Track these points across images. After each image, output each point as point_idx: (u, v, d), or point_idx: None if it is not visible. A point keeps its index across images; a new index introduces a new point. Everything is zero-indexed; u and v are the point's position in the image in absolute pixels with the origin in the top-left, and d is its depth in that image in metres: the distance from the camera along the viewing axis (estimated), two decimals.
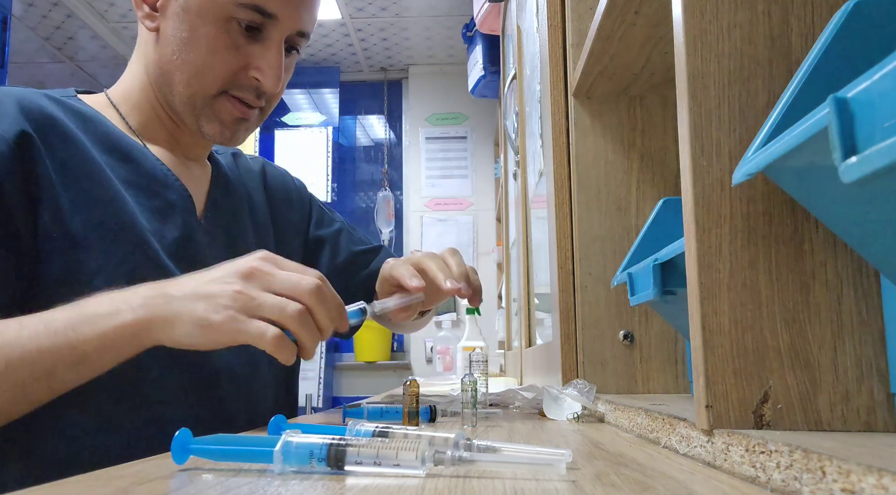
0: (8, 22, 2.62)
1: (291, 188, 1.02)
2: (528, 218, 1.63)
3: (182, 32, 0.74)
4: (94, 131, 0.76)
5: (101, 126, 0.77)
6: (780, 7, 0.39)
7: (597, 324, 0.80)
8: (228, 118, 0.78)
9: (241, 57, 0.75)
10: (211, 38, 0.73)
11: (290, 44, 0.79)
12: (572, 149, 0.85)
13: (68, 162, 0.70)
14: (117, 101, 0.82)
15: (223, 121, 0.78)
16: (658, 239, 0.65)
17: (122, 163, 0.76)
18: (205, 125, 0.78)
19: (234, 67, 0.75)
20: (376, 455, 0.35)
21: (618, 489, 0.32)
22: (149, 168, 0.77)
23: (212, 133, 0.79)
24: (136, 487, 0.33)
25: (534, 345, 1.50)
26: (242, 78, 0.76)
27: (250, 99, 0.78)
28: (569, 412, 0.68)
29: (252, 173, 0.96)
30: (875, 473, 0.23)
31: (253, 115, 0.80)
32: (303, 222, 1.01)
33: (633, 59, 0.75)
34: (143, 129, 0.81)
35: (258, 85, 0.77)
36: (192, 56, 0.74)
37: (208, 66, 0.74)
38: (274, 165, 1.03)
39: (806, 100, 0.31)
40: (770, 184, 0.38)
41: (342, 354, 4.11)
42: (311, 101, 4.37)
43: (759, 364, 0.37)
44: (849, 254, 0.37)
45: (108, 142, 0.76)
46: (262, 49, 0.75)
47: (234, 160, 0.95)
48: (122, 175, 0.74)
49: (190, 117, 0.78)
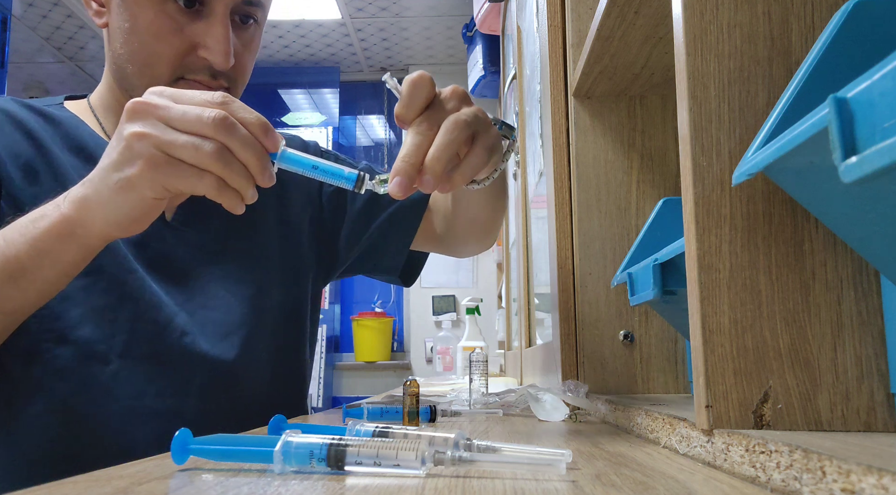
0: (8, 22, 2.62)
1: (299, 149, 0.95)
2: (528, 218, 1.63)
3: (125, 23, 0.72)
4: (64, 135, 0.76)
5: (72, 130, 0.77)
6: (780, 7, 0.39)
7: (597, 324, 0.80)
8: None
9: (185, 38, 0.72)
10: (151, 22, 0.71)
11: (243, 13, 0.75)
12: (572, 149, 0.85)
13: (32, 162, 0.71)
14: (94, 106, 0.81)
15: None
16: (658, 239, 0.65)
17: (88, 164, 0.74)
18: None
19: (181, 49, 0.72)
20: (376, 455, 0.35)
21: (618, 489, 0.32)
22: None
23: None
24: (136, 487, 0.33)
25: (534, 345, 1.50)
26: (192, 59, 0.73)
27: (206, 81, 0.74)
28: (559, 413, 0.68)
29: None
30: (875, 473, 0.23)
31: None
32: (313, 182, 0.94)
33: (633, 59, 0.75)
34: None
35: (210, 64, 0.73)
36: (137, 45, 0.72)
37: (154, 53, 0.71)
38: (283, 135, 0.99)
39: (806, 100, 0.31)
40: (770, 184, 0.38)
41: (342, 354, 4.11)
42: (311, 101, 4.37)
43: (759, 364, 0.37)
44: (849, 254, 0.37)
45: (76, 146, 0.76)
46: (207, 26, 0.72)
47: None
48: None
49: None
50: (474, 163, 0.55)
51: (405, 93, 0.53)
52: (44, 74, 4.27)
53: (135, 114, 0.52)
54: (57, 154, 0.74)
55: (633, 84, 0.81)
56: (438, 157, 0.52)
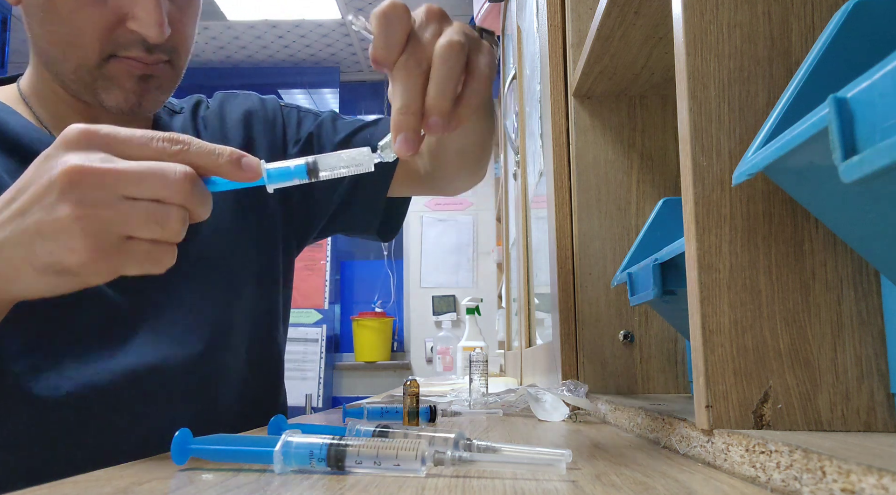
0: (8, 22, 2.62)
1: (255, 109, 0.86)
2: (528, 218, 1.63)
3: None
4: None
5: (1, 124, 0.68)
6: (780, 7, 0.39)
7: (597, 324, 0.80)
8: (127, 80, 0.66)
9: (110, 9, 0.63)
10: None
11: None
12: (572, 149, 0.85)
13: None
14: (26, 93, 0.72)
15: (122, 85, 0.66)
16: (658, 239, 0.65)
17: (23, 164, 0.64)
18: (105, 97, 0.66)
19: (107, 23, 0.63)
20: (376, 455, 0.35)
21: (618, 489, 0.32)
22: None
23: (115, 103, 0.66)
24: (136, 487, 0.33)
25: (534, 345, 1.50)
26: (121, 33, 0.64)
27: (141, 56, 0.65)
28: (559, 413, 0.68)
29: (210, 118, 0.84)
30: (875, 473, 0.23)
31: (158, 69, 0.67)
32: (276, 140, 0.85)
33: (633, 59, 0.75)
34: (55, 121, 0.71)
35: (142, 37, 0.64)
36: (56, 24, 0.64)
37: (77, 30, 0.63)
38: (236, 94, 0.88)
39: (806, 100, 0.31)
40: (770, 184, 0.38)
41: (342, 354, 4.12)
42: (311, 101, 4.38)
43: (759, 364, 0.37)
44: (849, 254, 0.37)
45: (7, 144, 0.67)
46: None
47: (192, 115, 0.82)
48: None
49: (86, 92, 0.67)
50: (478, 88, 0.47)
51: (378, 31, 0.44)
52: None
53: (74, 186, 0.40)
54: None
55: (633, 84, 0.81)
56: (443, 93, 0.44)
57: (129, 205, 0.41)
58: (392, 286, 4.18)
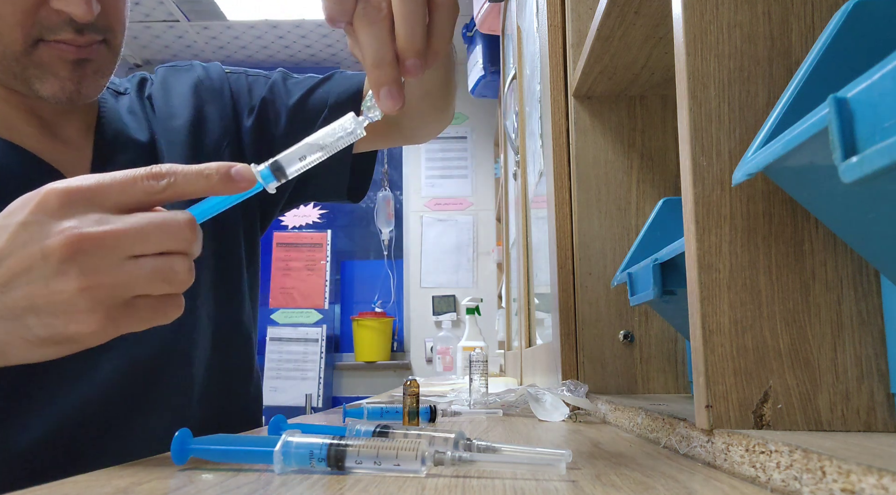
0: None
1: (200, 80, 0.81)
2: (528, 218, 1.63)
3: None
4: None
5: None
6: (780, 7, 0.39)
7: (597, 324, 0.80)
8: (61, 67, 0.61)
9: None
10: None
11: None
12: (572, 149, 0.85)
13: None
14: None
15: (56, 72, 0.61)
16: (658, 239, 0.65)
17: None
18: (40, 87, 0.62)
19: (27, 5, 0.58)
20: (376, 455, 0.35)
21: (618, 489, 0.32)
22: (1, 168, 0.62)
23: (52, 92, 0.62)
24: (136, 487, 0.33)
25: (534, 345, 1.50)
26: (47, 15, 0.59)
27: (71, 38, 0.60)
28: (559, 413, 0.68)
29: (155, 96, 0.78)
30: (875, 473, 0.23)
31: (93, 51, 0.62)
32: (224, 110, 0.80)
33: (633, 59, 0.75)
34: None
35: (70, 16, 0.59)
36: None
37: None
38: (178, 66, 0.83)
39: (806, 100, 0.31)
40: (770, 184, 0.38)
41: (342, 354, 4.11)
42: None
43: (759, 364, 0.37)
44: (849, 254, 0.37)
45: None
46: None
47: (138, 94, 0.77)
48: None
49: (18, 83, 0.62)
50: (445, 17, 0.44)
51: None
52: None
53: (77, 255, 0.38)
54: None
55: (633, 84, 0.81)
56: (413, 32, 0.41)
57: (135, 265, 0.39)
58: (392, 286, 4.17)
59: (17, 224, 0.39)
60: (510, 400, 0.78)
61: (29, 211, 0.39)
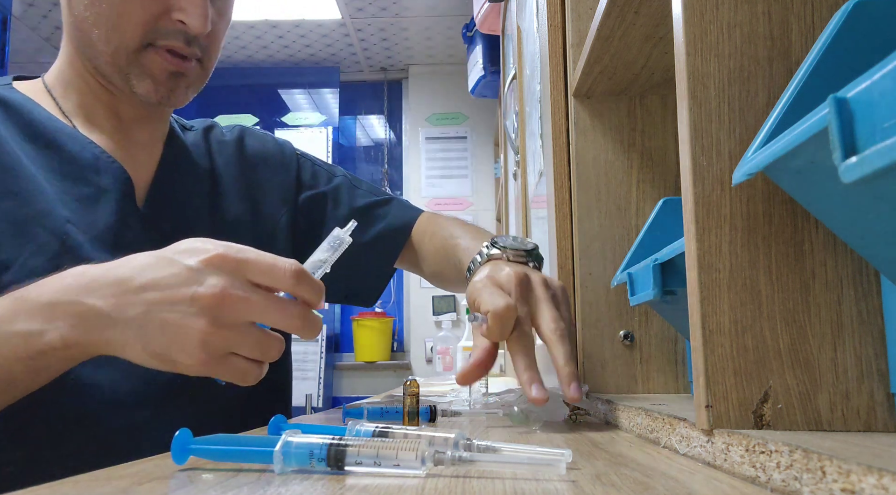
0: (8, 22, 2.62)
1: (272, 151, 0.92)
2: (528, 218, 1.63)
3: None
4: (17, 120, 0.71)
5: (25, 114, 0.72)
6: (780, 7, 0.39)
7: (597, 324, 0.80)
8: (160, 73, 0.71)
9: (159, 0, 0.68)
10: None
11: None
12: (572, 149, 0.85)
13: None
14: (51, 85, 0.76)
15: (155, 77, 0.71)
16: (658, 239, 0.65)
17: (45, 150, 0.70)
18: (136, 83, 0.71)
19: (154, 12, 0.68)
20: (376, 455, 0.35)
21: (618, 489, 0.32)
22: (76, 153, 0.71)
23: (145, 92, 0.71)
24: (136, 487, 0.33)
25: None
26: (165, 23, 0.69)
27: (179, 47, 0.70)
28: (559, 413, 0.68)
29: (225, 145, 0.89)
30: (875, 473, 0.23)
31: (190, 68, 0.72)
32: (288, 184, 0.91)
33: (633, 59, 0.75)
34: (78, 110, 0.75)
35: (185, 28, 0.69)
36: (104, 7, 0.68)
37: (124, 14, 0.67)
38: (254, 131, 0.94)
39: (806, 100, 0.31)
40: (770, 184, 0.38)
41: (342, 354, 4.11)
42: (311, 101, 4.37)
43: (759, 364, 0.37)
44: (849, 254, 0.37)
45: (30, 131, 0.71)
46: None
47: (204, 135, 0.88)
48: (44, 164, 0.70)
49: (118, 78, 0.71)
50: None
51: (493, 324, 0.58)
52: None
53: (217, 308, 0.47)
54: (7, 140, 0.69)
55: (633, 84, 0.81)
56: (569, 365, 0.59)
57: (248, 330, 0.48)
58: (392, 286, 4.17)
59: (185, 266, 0.48)
60: (510, 400, 0.78)
61: (199, 260, 0.49)
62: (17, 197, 0.66)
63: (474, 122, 4.14)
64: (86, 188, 0.71)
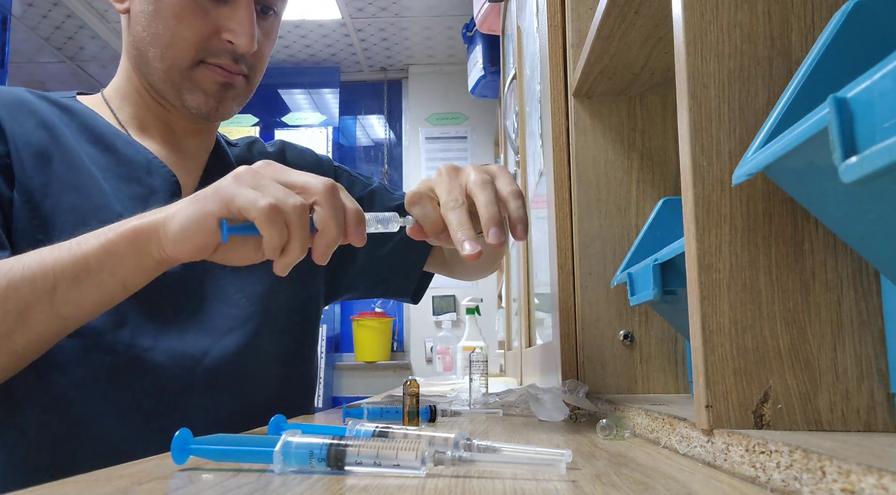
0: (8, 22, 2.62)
1: (310, 162, 0.98)
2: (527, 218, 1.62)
3: (148, 6, 0.74)
4: (80, 125, 0.77)
5: (88, 120, 0.78)
6: (780, 7, 0.39)
7: (597, 324, 0.80)
8: (211, 86, 0.77)
9: (210, 21, 0.74)
10: (175, 5, 0.73)
11: (264, 4, 0.78)
12: (572, 149, 0.85)
13: (44, 148, 0.73)
14: (109, 97, 0.83)
15: (206, 90, 0.77)
16: (658, 239, 0.65)
17: (104, 152, 0.77)
18: (188, 97, 0.77)
19: (205, 33, 0.74)
20: (376, 455, 0.35)
21: (618, 489, 0.32)
22: (131, 156, 0.78)
23: (196, 104, 0.77)
24: (136, 487, 0.33)
25: (534, 345, 1.50)
26: (215, 43, 0.75)
27: (228, 64, 0.76)
28: (559, 413, 0.68)
29: (267, 156, 0.94)
30: (875, 473, 0.23)
31: (238, 80, 0.79)
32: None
33: (633, 59, 0.75)
34: (133, 120, 0.82)
35: (233, 47, 0.75)
36: (160, 28, 0.74)
37: (178, 35, 0.74)
38: (295, 145, 1.00)
39: (806, 100, 0.31)
40: (770, 184, 0.38)
41: (342, 354, 4.12)
42: (311, 101, 4.37)
43: (759, 364, 0.37)
44: (849, 254, 0.37)
45: (91, 135, 0.77)
46: (231, 10, 0.74)
47: (248, 148, 0.94)
48: (103, 164, 0.76)
49: (171, 92, 0.78)
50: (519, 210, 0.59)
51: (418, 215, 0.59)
52: (44, 74, 4.27)
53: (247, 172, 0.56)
54: (71, 142, 0.75)
55: (633, 84, 0.81)
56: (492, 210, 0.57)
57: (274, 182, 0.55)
58: None
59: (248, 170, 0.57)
60: (510, 400, 0.78)
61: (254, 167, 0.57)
62: (79, 191, 0.73)
63: (474, 121, 4.14)
64: (138, 188, 0.77)
